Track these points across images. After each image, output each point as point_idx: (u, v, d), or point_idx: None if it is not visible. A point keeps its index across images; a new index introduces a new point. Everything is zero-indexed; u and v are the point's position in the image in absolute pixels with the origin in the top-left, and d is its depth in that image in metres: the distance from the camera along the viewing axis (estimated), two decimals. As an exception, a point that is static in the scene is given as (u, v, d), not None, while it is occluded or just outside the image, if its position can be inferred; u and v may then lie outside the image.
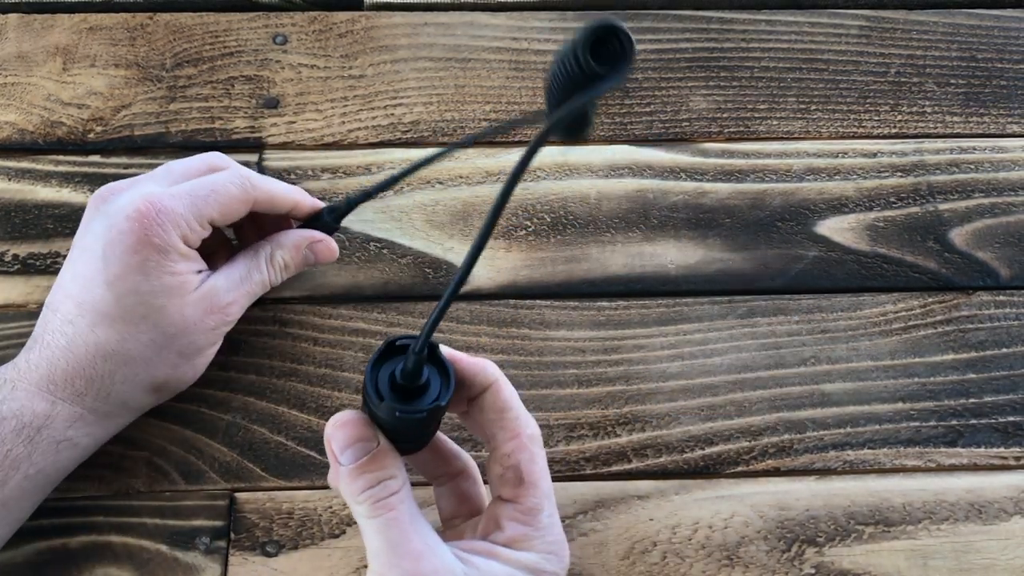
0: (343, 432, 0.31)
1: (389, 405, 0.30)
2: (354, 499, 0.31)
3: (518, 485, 0.32)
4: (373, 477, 0.31)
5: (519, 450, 0.32)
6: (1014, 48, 0.57)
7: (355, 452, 0.31)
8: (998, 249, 0.49)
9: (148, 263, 0.37)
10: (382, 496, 0.31)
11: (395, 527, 0.30)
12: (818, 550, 0.41)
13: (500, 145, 0.52)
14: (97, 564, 0.40)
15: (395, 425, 0.32)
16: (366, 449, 0.31)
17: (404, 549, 0.30)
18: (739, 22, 0.57)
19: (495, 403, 0.33)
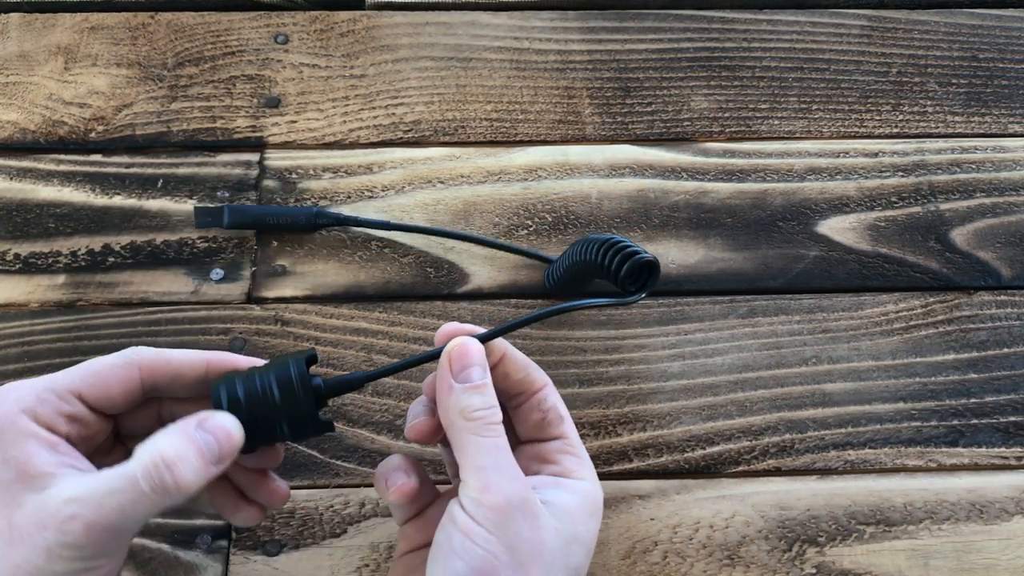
0: (468, 354, 0.33)
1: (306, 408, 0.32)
2: (465, 415, 0.32)
3: (560, 423, 0.35)
4: (486, 400, 0.32)
5: (551, 394, 0.35)
6: (1016, 48, 0.57)
7: (476, 373, 0.33)
8: (999, 249, 0.49)
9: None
10: (493, 421, 0.32)
11: (503, 452, 0.32)
12: (819, 550, 0.41)
13: (501, 145, 0.52)
14: (98, 563, 0.40)
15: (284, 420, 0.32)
16: (480, 376, 0.33)
17: (509, 473, 0.31)
18: (740, 22, 0.57)
19: (515, 365, 0.35)
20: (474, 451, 0.32)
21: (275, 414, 0.32)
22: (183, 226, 0.48)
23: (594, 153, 0.52)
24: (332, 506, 0.42)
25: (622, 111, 0.53)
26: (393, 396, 0.44)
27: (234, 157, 0.50)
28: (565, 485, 0.33)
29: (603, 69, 0.55)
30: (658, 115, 0.53)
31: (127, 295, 0.46)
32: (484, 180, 0.50)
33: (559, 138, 0.52)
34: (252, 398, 0.32)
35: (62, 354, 0.44)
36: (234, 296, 0.47)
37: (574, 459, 0.34)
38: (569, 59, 0.55)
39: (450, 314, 0.46)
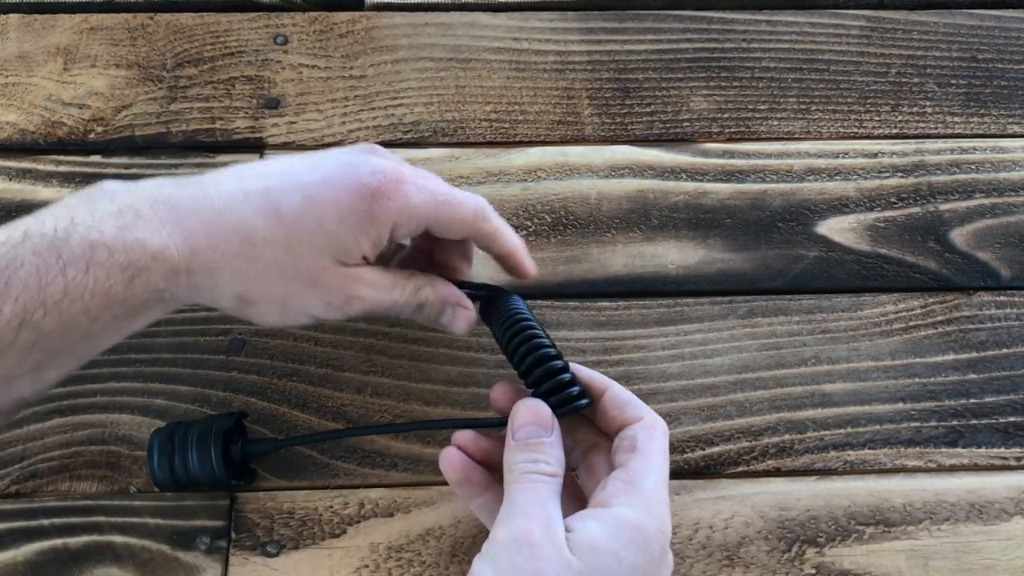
0: (520, 414, 0.36)
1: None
2: (511, 466, 0.35)
3: (630, 451, 0.35)
4: (534, 456, 0.34)
5: (641, 428, 0.36)
6: (1015, 48, 0.57)
7: (527, 432, 0.35)
8: (999, 249, 0.49)
9: (350, 216, 0.35)
10: (535, 471, 0.34)
11: (530, 495, 0.33)
12: (819, 550, 0.41)
13: (500, 145, 0.52)
14: (98, 564, 0.40)
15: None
16: (536, 434, 0.35)
17: (523, 510, 0.33)
18: (740, 22, 0.57)
19: (616, 402, 0.37)
20: (505, 497, 0.34)
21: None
22: (182, 227, 0.48)
23: (593, 154, 0.52)
24: (332, 507, 0.42)
25: (621, 112, 0.53)
26: (392, 396, 0.44)
27: (234, 158, 0.50)
28: (598, 515, 0.33)
29: (602, 70, 0.55)
30: (657, 116, 0.53)
31: (126, 296, 0.46)
32: (483, 181, 0.50)
33: (558, 139, 0.52)
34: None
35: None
36: (233, 297, 0.46)
37: (621, 486, 0.34)
38: (568, 60, 0.55)
39: (449, 315, 0.46)
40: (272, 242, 0.35)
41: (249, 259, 0.35)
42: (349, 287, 0.37)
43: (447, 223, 0.38)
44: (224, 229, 0.35)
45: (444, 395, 0.44)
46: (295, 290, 0.36)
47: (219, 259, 0.35)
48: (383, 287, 0.38)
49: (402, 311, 0.39)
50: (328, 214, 0.35)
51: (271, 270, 0.35)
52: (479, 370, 0.45)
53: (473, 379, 0.45)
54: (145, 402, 0.43)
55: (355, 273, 0.37)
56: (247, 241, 0.35)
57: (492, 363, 0.45)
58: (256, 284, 0.36)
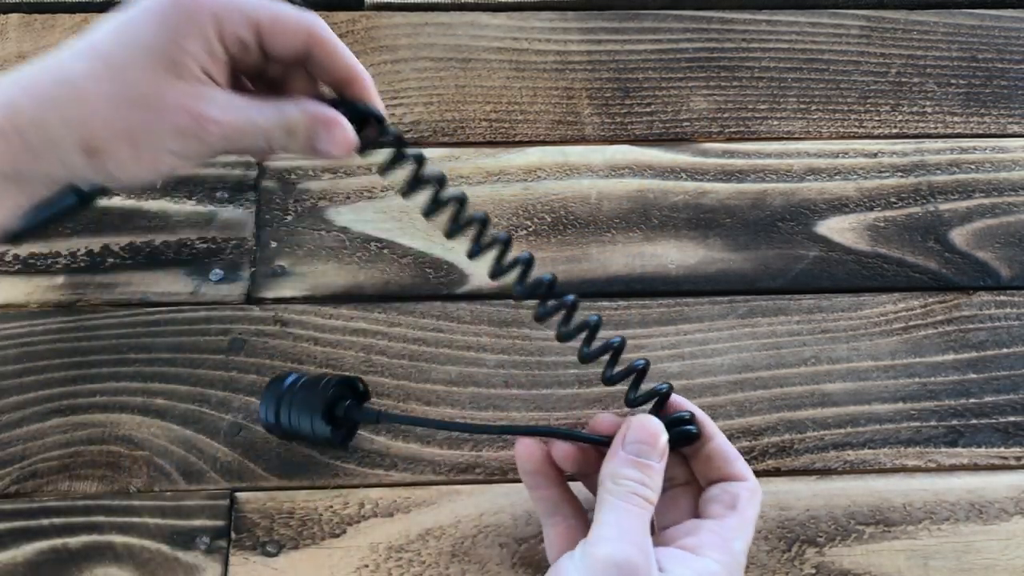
0: (648, 433, 0.35)
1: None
2: (616, 480, 0.34)
3: (729, 508, 0.35)
4: (643, 477, 0.34)
5: (744, 487, 0.36)
6: (1015, 48, 0.57)
7: (646, 451, 0.35)
8: (998, 249, 0.49)
9: (166, 21, 0.32)
10: (640, 494, 0.33)
11: (633, 518, 0.33)
12: (818, 550, 0.41)
13: (500, 145, 0.52)
14: (97, 564, 0.40)
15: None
16: (646, 453, 0.34)
17: (626, 536, 0.32)
18: (739, 22, 0.57)
19: (722, 452, 0.37)
20: (606, 508, 0.33)
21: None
22: (182, 227, 0.48)
23: (593, 153, 0.52)
24: (332, 506, 0.42)
25: (621, 111, 0.53)
26: (392, 396, 0.44)
27: (234, 158, 0.50)
28: (688, 561, 0.33)
29: (602, 70, 0.55)
30: (657, 115, 0.53)
31: (126, 296, 0.46)
32: (483, 180, 0.50)
33: (558, 138, 0.52)
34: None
35: (62, 354, 0.44)
36: (233, 296, 0.47)
37: (715, 539, 0.34)
38: (568, 60, 0.55)
39: (450, 314, 0.46)
40: (93, 75, 0.32)
41: (76, 100, 0.32)
42: (195, 105, 0.32)
43: (274, 16, 0.34)
44: (43, 81, 0.32)
45: (444, 395, 0.44)
46: (137, 120, 0.32)
47: (45, 110, 0.32)
48: (239, 108, 0.33)
49: (271, 140, 0.34)
50: (141, 28, 0.32)
51: (102, 104, 0.32)
52: (479, 370, 0.45)
53: (473, 379, 0.45)
54: (145, 402, 0.43)
55: (199, 91, 0.33)
56: (68, 82, 0.32)
57: (492, 363, 0.45)
58: (93, 125, 0.32)
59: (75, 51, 0.32)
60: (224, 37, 0.33)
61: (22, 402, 0.43)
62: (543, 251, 0.48)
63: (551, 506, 0.37)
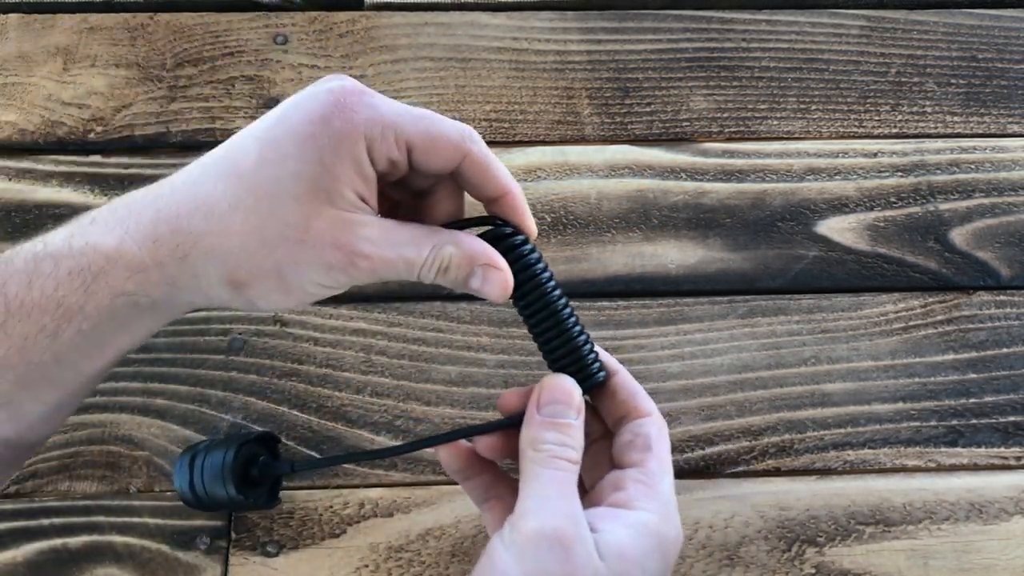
0: (556, 390, 0.33)
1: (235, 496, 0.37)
2: (536, 446, 0.32)
3: (645, 451, 0.33)
4: (562, 438, 0.32)
5: (651, 424, 0.34)
6: (1014, 48, 0.57)
7: (560, 410, 0.33)
8: (998, 249, 0.49)
9: (313, 141, 0.30)
10: (561, 456, 0.32)
11: (556, 484, 0.31)
12: (818, 550, 0.41)
13: (500, 145, 0.52)
14: (98, 564, 0.40)
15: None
16: (562, 413, 0.33)
17: (553, 504, 0.31)
18: (739, 22, 0.57)
19: (626, 386, 0.35)
20: (529, 479, 0.32)
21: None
22: (182, 227, 0.48)
23: (593, 153, 0.52)
24: (331, 507, 0.42)
25: (621, 111, 0.53)
26: (392, 397, 0.44)
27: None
28: (621, 517, 0.31)
29: (602, 69, 0.55)
30: (657, 115, 0.53)
31: (126, 296, 0.46)
32: (483, 180, 0.50)
33: (558, 138, 0.52)
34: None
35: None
36: (233, 297, 0.47)
37: (643, 488, 0.32)
38: (568, 59, 0.55)
39: (450, 314, 0.46)
40: (239, 205, 0.30)
41: (220, 234, 0.30)
42: (347, 241, 0.30)
43: (428, 136, 0.32)
44: (185, 208, 0.30)
45: (444, 395, 0.44)
46: (285, 255, 0.30)
47: (187, 242, 0.30)
48: (392, 244, 0.31)
49: (422, 274, 0.32)
50: (289, 152, 0.30)
51: (250, 239, 0.30)
52: (479, 370, 0.45)
53: (473, 379, 0.45)
54: (145, 402, 0.43)
55: (350, 222, 0.30)
56: (211, 213, 0.30)
57: (492, 363, 0.45)
58: (239, 260, 0.30)
59: (217, 172, 0.31)
60: (375, 159, 0.31)
61: (22, 402, 0.43)
62: (543, 251, 0.48)
63: (484, 491, 0.35)
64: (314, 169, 0.30)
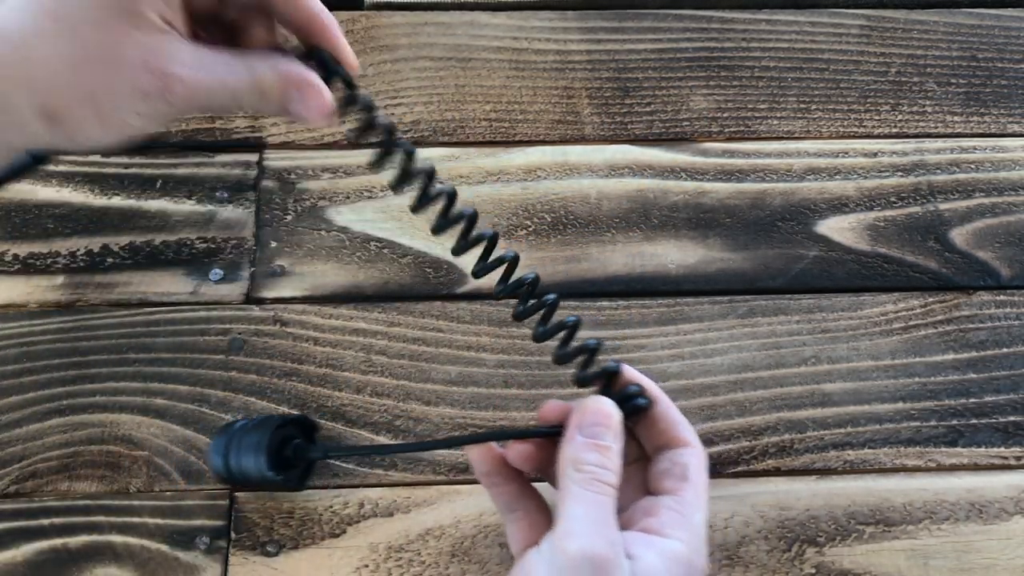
0: (602, 414, 0.34)
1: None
2: (577, 465, 0.32)
3: (682, 480, 0.34)
4: (603, 460, 0.32)
5: (691, 454, 0.34)
6: (1015, 48, 0.57)
7: (603, 433, 0.33)
8: (999, 249, 0.49)
9: None
10: (602, 479, 0.32)
11: (600, 507, 0.32)
12: (818, 550, 0.41)
13: (500, 145, 0.52)
14: (97, 564, 0.40)
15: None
16: (603, 435, 0.33)
17: (596, 528, 0.31)
18: (739, 22, 0.57)
19: (667, 416, 0.35)
20: (571, 499, 0.32)
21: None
22: (182, 227, 0.48)
23: (593, 153, 0.52)
24: (331, 506, 0.42)
25: (621, 111, 0.53)
26: (392, 396, 0.44)
27: (233, 157, 0.50)
28: (654, 544, 0.32)
29: (602, 69, 0.55)
30: (657, 115, 0.53)
31: (126, 296, 0.46)
32: (483, 180, 0.50)
33: (558, 138, 0.52)
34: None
35: (61, 355, 0.44)
36: (233, 296, 0.47)
37: (676, 516, 0.33)
38: (568, 59, 0.55)
39: (450, 314, 0.46)
40: (41, 33, 0.29)
41: (26, 61, 0.29)
42: (158, 62, 0.29)
43: None
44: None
45: (444, 395, 0.44)
46: (97, 80, 0.29)
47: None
48: (207, 67, 0.30)
49: (241, 100, 0.31)
50: None
51: (56, 64, 0.29)
52: (479, 370, 0.45)
53: (473, 379, 0.45)
54: (144, 402, 0.43)
55: (161, 44, 0.29)
56: (14, 43, 0.29)
57: (492, 363, 0.45)
58: (49, 87, 0.29)
59: (12, 4, 0.29)
60: None
61: (22, 402, 0.43)
62: (543, 251, 0.48)
63: (512, 501, 0.36)
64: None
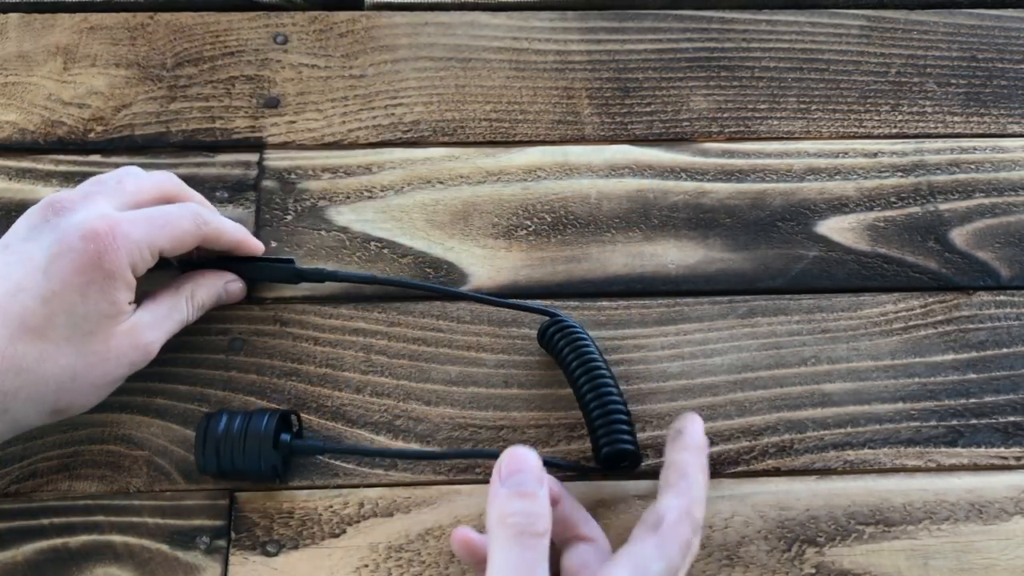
0: (519, 460, 0.34)
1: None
2: (503, 518, 0.32)
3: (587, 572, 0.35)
4: (527, 507, 0.32)
5: (590, 553, 0.36)
6: (1015, 48, 0.57)
7: (525, 479, 0.33)
8: (998, 249, 0.49)
9: (91, 286, 0.36)
10: (531, 530, 0.32)
11: (530, 566, 0.31)
12: (818, 550, 0.41)
13: (500, 145, 0.52)
14: (97, 564, 0.40)
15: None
16: (526, 482, 0.33)
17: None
18: (739, 22, 0.57)
19: (571, 515, 0.37)
20: (499, 558, 0.31)
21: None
22: (182, 226, 0.48)
23: (593, 153, 0.52)
24: (331, 506, 0.42)
25: (621, 111, 0.53)
26: (392, 396, 0.44)
27: (233, 157, 0.50)
28: None
29: (602, 69, 0.55)
30: (657, 115, 0.53)
31: (126, 295, 0.46)
32: (483, 180, 0.50)
33: (558, 138, 0.52)
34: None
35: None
36: (233, 296, 0.47)
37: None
38: (568, 59, 0.55)
39: (450, 314, 0.46)
40: (44, 357, 0.36)
41: (34, 382, 0.36)
42: (138, 341, 0.38)
43: (173, 239, 0.39)
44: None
45: (444, 395, 0.44)
46: (97, 374, 0.37)
47: (5, 400, 0.35)
48: (163, 320, 0.40)
49: (189, 323, 0.42)
50: (74, 299, 0.36)
51: (61, 378, 0.36)
52: (479, 370, 0.45)
53: (473, 379, 0.45)
54: (145, 402, 0.43)
55: (135, 327, 0.38)
56: (21, 371, 0.35)
57: (492, 363, 0.45)
58: (58, 395, 0.37)
59: (9, 333, 0.35)
60: (137, 272, 0.38)
61: (22, 402, 0.43)
62: (543, 251, 0.48)
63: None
64: (101, 307, 0.37)
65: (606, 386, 0.41)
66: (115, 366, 0.38)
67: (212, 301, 0.43)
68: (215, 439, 0.40)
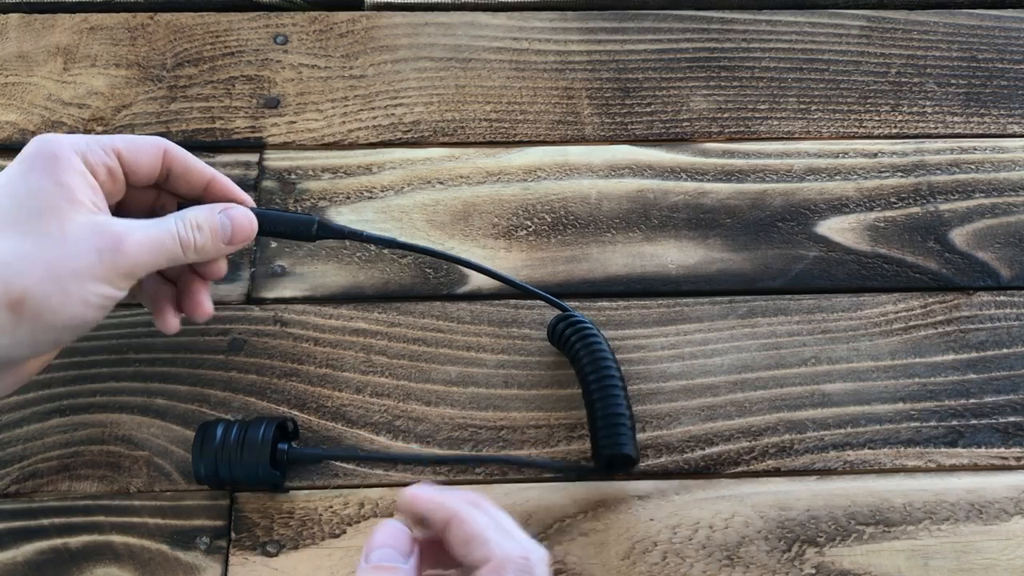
0: (376, 534, 0.33)
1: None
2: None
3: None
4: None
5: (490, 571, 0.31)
6: (1015, 48, 0.57)
7: (383, 555, 0.32)
8: (999, 249, 0.49)
9: (33, 168, 0.34)
10: None
11: None
12: (818, 550, 0.41)
13: (500, 145, 0.52)
14: (97, 564, 0.40)
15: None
16: (392, 557, 0.32)
17: None
18: (740, 22, 0.57)
19: (460, 535, 0.32)
20: None
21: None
22: (182, 227, 0.48)
23: (593, 153, 0.52)
24: (331, 507, 0.42)
25: (621, 111, 0.53)
26: (392, 396, 0.44)
27: (233, 158, 0.50)
28: None
29: (602, 69, 0.55)
30: (657, 115, 0.53)
31: (126, 296, 0.46)
32: (483, 180, 0.50)
33: (558, 138, 0.52)
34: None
35: (61, 354, 0.44)
36: (233, 296, 0.47)
37: None
38: (568, 60, 0.55)
39: (450, 314, 0.46)
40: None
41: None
42: (103, 227, 0.35)
43: (130, 141, 0.37)
44: None
45: (444, 395, 0.44)
46: (53, 254, 0.34)
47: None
48: (141, 225, 0.36)
49: (185, 244, 0.37)
50: (17, 183, 0.34)
51: (7, 258, 0.33)
52: (479, 370, 0.45)
53: (473, 379, 0.45)
54: (145, 402, 0.43)
55: (100, 218, 0.35)
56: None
57: (492, 363, 0.45)
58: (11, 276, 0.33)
59: None
60: (94, 168, 0.36)
61: (22, 402, 0.43)
62: (543, 251, 0.48)
63: None
64: (44, 184, 0.34)
65: (614, 387, 0.41)
66: (75, 250, 0.34)
67: (210, 225, 0.38)
68: (212, 450, 0.40)
